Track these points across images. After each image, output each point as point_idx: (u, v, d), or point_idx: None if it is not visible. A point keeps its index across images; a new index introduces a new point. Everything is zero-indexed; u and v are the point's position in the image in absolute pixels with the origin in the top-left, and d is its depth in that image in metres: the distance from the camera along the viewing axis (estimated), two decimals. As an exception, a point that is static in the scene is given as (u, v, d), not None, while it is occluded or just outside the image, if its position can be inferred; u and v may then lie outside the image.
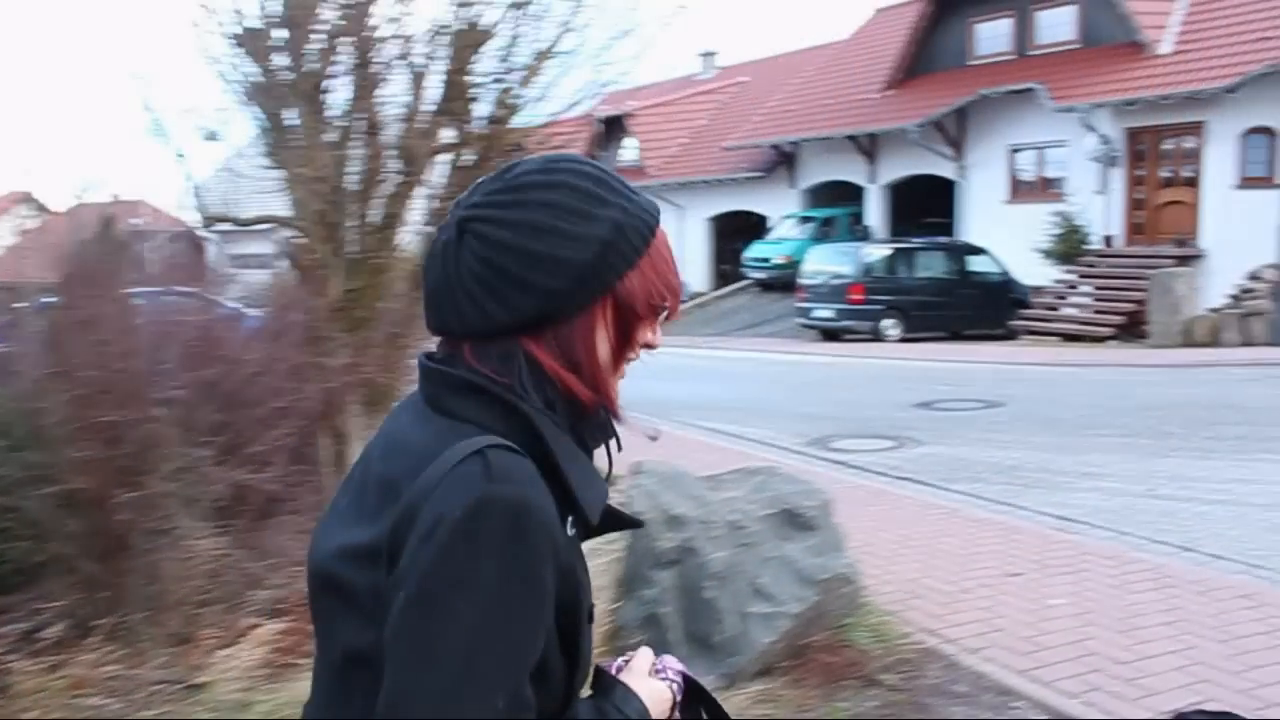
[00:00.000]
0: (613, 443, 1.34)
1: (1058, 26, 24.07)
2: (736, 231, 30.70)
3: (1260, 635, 4.79)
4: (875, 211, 27.79)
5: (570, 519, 1.23)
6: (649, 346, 1.32)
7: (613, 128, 33.26)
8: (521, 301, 1.22)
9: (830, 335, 22.32)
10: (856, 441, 10.39)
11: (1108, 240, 22.14)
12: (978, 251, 22.87)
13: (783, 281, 25.84)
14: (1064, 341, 19.89)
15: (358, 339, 5.69)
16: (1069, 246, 22.23)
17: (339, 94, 5.61)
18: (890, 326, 21.58)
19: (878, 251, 22.65)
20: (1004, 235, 23.13)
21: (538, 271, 1.21)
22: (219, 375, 5.72)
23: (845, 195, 28.46)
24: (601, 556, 4.64)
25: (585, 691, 1.34)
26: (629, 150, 33.76)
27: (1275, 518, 6.94)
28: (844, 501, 7.18)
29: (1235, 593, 5.42)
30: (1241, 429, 10.12)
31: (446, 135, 5.86)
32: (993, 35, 25.54)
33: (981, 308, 21.97)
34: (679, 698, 1.41)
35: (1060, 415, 11.46)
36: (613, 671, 1.39)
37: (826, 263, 22.51)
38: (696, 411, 11.53)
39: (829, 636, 4.49)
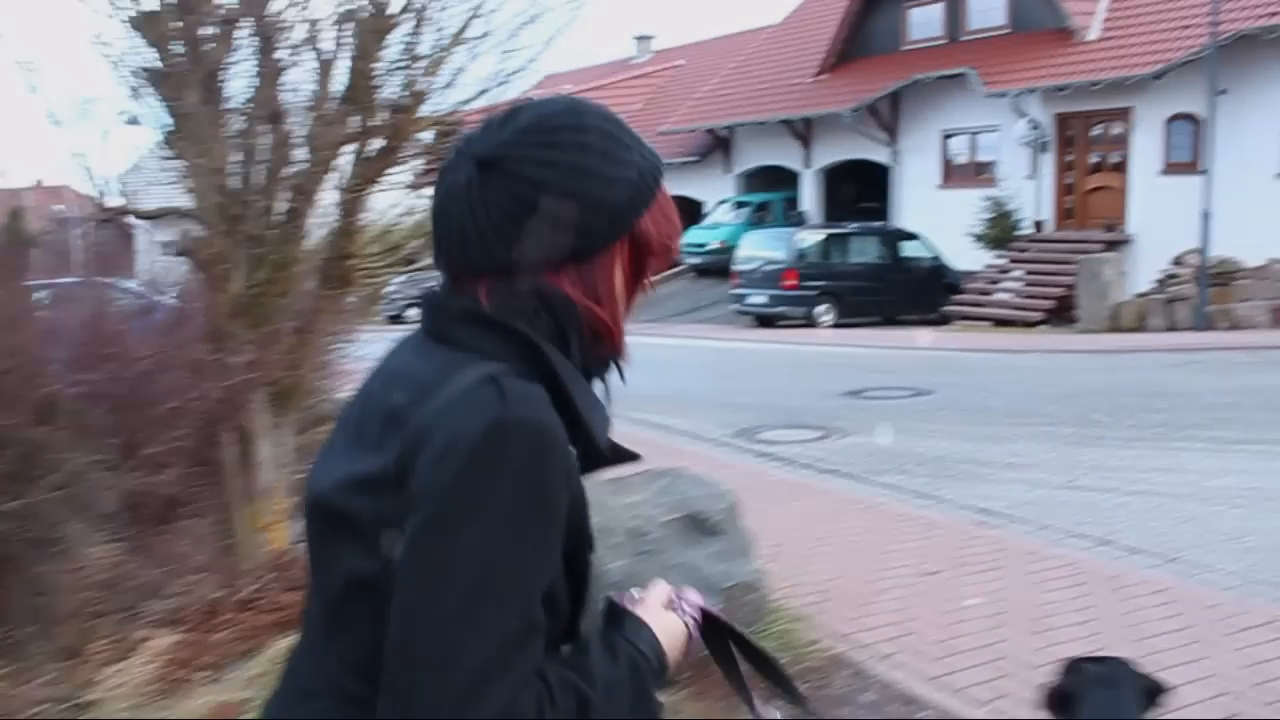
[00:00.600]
0: (613, 375, 1.38)
1: (989, 12, 24.26)
2: (672, 216, 30.59)
3: (1170, 634, 4.77)
4: (810, 197, 27.85)
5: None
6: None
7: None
8: (557, 239, 1.24)
9: (764, 321, 22.30)
10: (784, 432, 10.33)
11: (1038, 225, 22.36)
12: (911, 237, 23.02)
13: (718, 267, 25.79)
14: (995, 326, 20.05)
15: (261, 335, 5.49)
16: (1001, 231, 22.43)
17: (240, 82, 5.41)
18: (824, 312, 21.62)
19: (811, 237, 22.68)
20: (937, 220, 23.28)
21: (577, 211, 1.24)
22: (113, 373, 5.49)
23: (780, 180, 28.49)
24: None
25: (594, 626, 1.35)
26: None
27: (1192, 508, 6.98)
28: (764, 498, 7.13)
29: (1149, 589, 5.41)
30: (1163, 416, 10.21)
31: (353, 124, 5.66)
32: (925, 20, 25.68)
33: (915, 293, 22.09)
34: (695, 633, 1.40)
35: (988, 403, 11.51)
36: (625, 604, 1.38)
37: (761, 248, 22.51)
38: (625, 402, 11.24)
39: (735, 646, 4.37)
